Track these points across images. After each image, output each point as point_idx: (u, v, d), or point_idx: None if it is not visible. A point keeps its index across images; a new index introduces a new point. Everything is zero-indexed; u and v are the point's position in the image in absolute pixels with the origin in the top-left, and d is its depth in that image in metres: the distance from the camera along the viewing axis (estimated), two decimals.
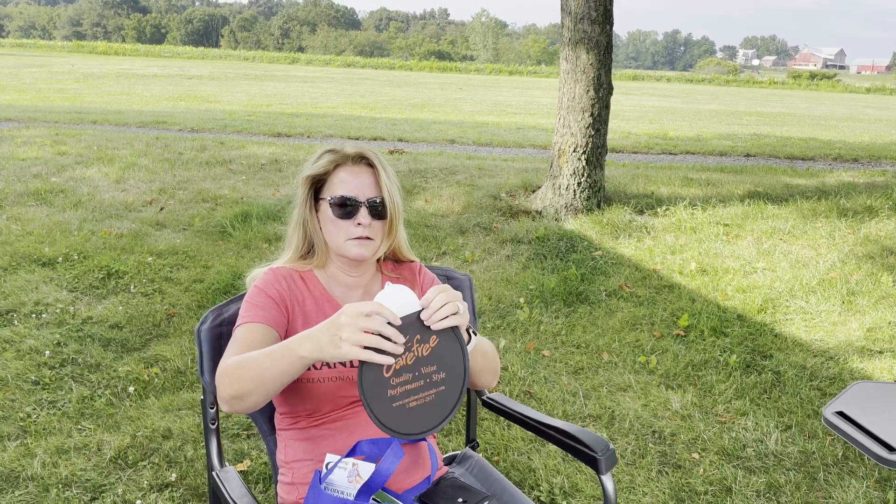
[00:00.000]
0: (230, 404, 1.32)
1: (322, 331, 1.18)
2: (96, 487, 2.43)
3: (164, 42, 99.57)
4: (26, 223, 5.25)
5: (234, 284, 4.20)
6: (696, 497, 2.50)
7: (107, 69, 25.77)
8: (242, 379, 1.28)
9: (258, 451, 2.66)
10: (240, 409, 1.32)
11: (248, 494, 1.47)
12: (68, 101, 14.01)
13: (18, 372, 3.15)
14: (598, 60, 5.47)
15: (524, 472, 2.61)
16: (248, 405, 1.31)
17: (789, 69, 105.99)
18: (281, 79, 25.66)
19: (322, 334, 1.18)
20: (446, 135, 11.03)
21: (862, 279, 4.50)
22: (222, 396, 1.33)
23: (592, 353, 3.64)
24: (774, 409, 3.10)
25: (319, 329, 1.19)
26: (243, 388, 1.28)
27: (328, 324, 1.18)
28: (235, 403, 1.31)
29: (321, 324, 1.20)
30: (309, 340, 1.20)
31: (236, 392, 1.29)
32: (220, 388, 1.33)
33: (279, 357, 1.24)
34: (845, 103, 28.04)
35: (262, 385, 1.26)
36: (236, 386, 1.29)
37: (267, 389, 1.27)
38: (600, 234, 5.35)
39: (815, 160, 9.82)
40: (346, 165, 1.53)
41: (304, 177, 1.55)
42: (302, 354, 1.20)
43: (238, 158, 7.65)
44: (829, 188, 6.77)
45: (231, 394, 1.30)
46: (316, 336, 1.19)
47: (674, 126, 14.27)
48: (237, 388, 1.29)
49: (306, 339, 1.20)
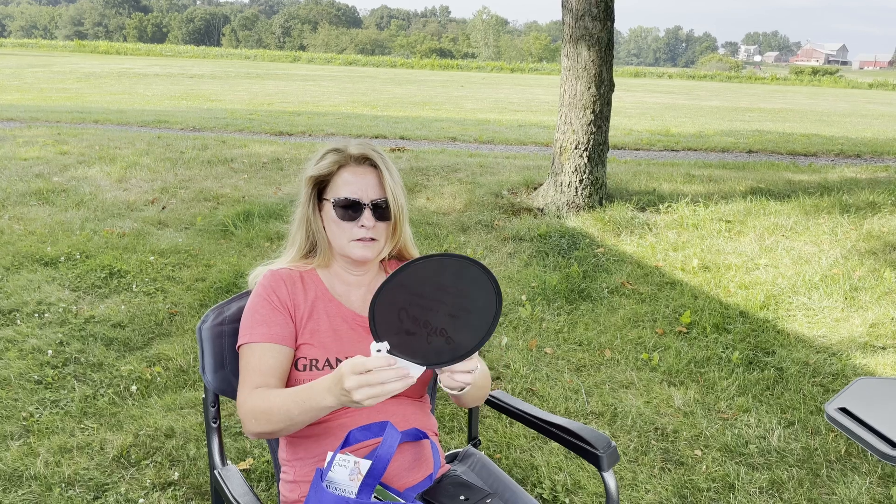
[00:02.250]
0: (257, 436, 1.41)
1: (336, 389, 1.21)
2: (99, 486, 2.43)
3: (166, 41, 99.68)
4: (28, 223, 5.26)
5: (236, 283, 4.21)
6: (699, 494, 2.50)
7: (108, 68, 25.79)
8: (271, 422, 1.35)
9: (261, 449, 2.67)
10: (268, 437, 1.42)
11: (250, 493, 1.47)
12: (70, 101, 14.03)
13: (21, 371, 3.16)
14: (600, 57, 5.46)
15: (526, 470, 2.61)
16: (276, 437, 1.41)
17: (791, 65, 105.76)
18: (282, 77, 25.65)
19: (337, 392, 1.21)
20: (448, 132, 11.03)
21: (864, 275, 4.49)
22: (250, 431, 1.40)
23: (594, 350, 3.63)
24: (777, 406, 3.10)
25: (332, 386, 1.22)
26: (273, 429, 1.36)
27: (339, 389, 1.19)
28: (264, 436, 1.40)
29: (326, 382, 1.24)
30: (328, 395, 1.23)
31: (265, 431, 1.37)
32: (246, 424, 1.39)
33: (305, 405, 1.29)
34: (848, 99, 27.98)
35: (292, 426, 1.34)
36: (265, 427, 1.36)
37: (296, 428, 1.36)
38: (602, 232, 5.34)
39: (817, 156, 9.79)
40: (350, 166, 1.52)
41: (307, 177, 1.54)
42: (329, 405, 1.25)
43: (240, 157, 7.65)
44: (831, 184, 6.75)
45: (260, 432, 1.38)
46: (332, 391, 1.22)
47: (676, 123, 14.25)
48: (266, 428, 1.36)
49: (325, 394, 1.24)
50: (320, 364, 1.47)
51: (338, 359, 1.48)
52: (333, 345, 1.49)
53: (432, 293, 1.21)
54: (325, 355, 1.48)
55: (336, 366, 1.47)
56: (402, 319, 1.21)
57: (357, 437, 1.44)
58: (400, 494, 1.43)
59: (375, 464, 1.31)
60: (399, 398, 1.54)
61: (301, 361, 1.47)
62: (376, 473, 1.31)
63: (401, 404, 1.54)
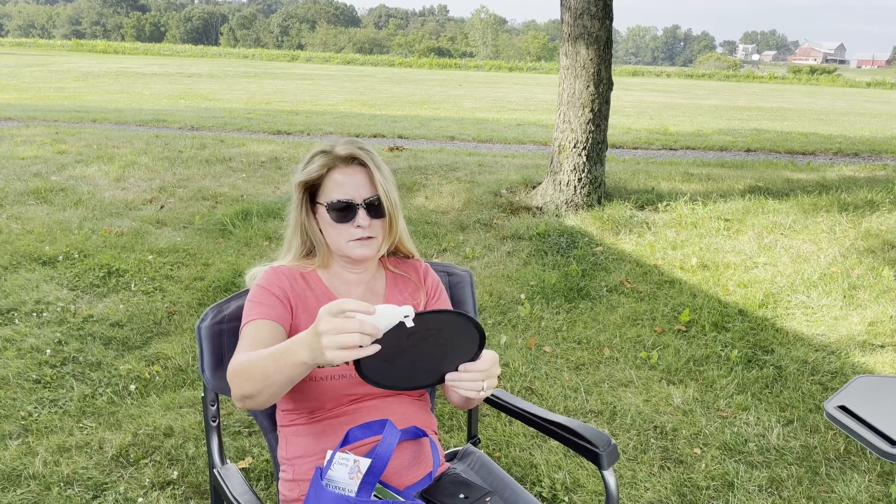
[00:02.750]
0: (243, 402, 1.33)
1: (310, 339, 1.15)
2: (98, 485, 2.43)
3: (164, 40, 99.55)
4: (27, 222, 5.25)
5: (234, 282, 4.20)
6: (698, 492, 2.50)
7: (106, 68, 25.75)
8: (249, 380, 1.28)
9: (260, 448, 2.66)
10: (253, 406, 1.33)
11: (250, 492, 1.47)
12: (68, 100, 14.01)
13: (20, 370, 3.15)
14: (598, 56, 5.45)
15: (526, 468, 2.61)
16: (260, 403, 1.31)
17: (789, 64, 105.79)
18: (280, 76, 25.63)
19: (311, 341, 1.14)
20: (446, 131, 11.02)
21: (863, 273, 4.49)
22: (234, 395, 1.34)
23: (593, 348, 3.63)
24: (776, 404, 3.10)
25: (308, 336, 1.16)
26: (252, 389, 1.28)
27: (311, 332, 1.14)
28: (248, 402, 1.32)
29: (308, 329, 1.16)
30: (303, 347, 1.16)
31: (246, 392, 1.30)
32: (232, 388, 1.34)
33: (281, 361, 1.22)
34: (846, 98, 28.00)
35: (268, 386, 1.26)
36: (246, 386, 1.30)
37: (274, 390, 1.27)
38: (601, 230, 5.34)
39: (815, 155, 9.80)
40: (339, 167, 1.51)
41: (297, 182, 1.53)
42: (304, 360, 1.17)
43: (238, 156, 7.64)
44: (829, 182, 6.76)
45: (241, 394, 1.31)
46: (307, 342, 1.15)
47: (674, 121, 14.25)
48: (246, 388, 1.29)
49: (301, 345, 1.17)
50: None
51: None
52: None
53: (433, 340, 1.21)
54: None
55: (336, 364, 1.47)
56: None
57: (356, 436, 1.44)
58: (400, 493, 1.42)
59: (375, 462, 1.31)
60: (399, 396, 1.55)
61: None
62: (376, 472, 1.31)
63: (401, 402, 1.54)
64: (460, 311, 1.22)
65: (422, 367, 1.23)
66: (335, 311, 1.10)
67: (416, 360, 1.21)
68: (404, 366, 1.21)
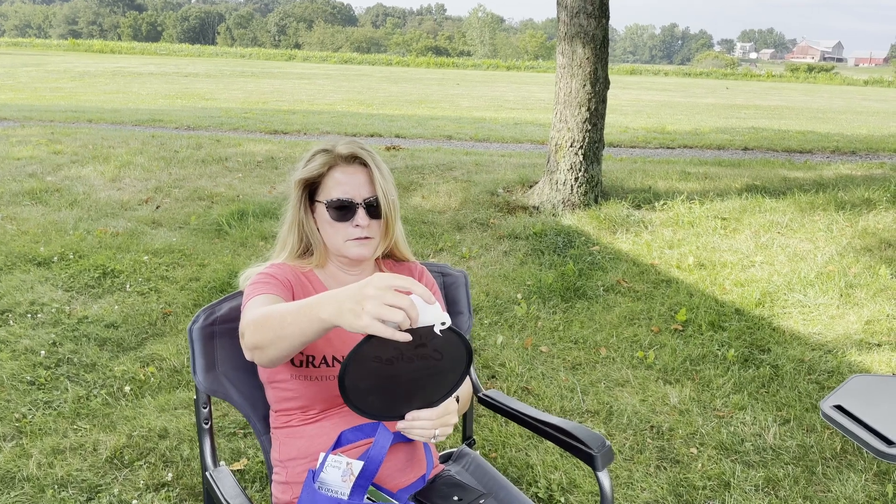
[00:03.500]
0: (252, 353, 1.30)
1: (346, 297, 1.10)
2: (92, 488, 2.42)
3: (161, 40, 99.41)
4: (21, 223, 5.23)
5: (230, 283, 4.19)
6: (695, 492, 2.49)
7: (103, 67, 25.70)
8: (263, 329, 1.25)
9: (255, 449, 2.66)
10: (261, 360, 1.29)
11: (242, 494, 1.46)
12: (64, 100, 13.98)
13: (14, 372, 3.14)
14: (595, 55, 5.45)
15: (522, 469, 2.60)
16: (268, 358, 1.28)
17: (787, 62, 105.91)
18: (277, 76, 25.60)
19: (345, 300, 1.10)
20: (443, 131, 11.01)
21: (860, 272, 4.49)
22: (245, 345, 1.31)
23: (590, 348, 3.63)
24: (773, 403, 3.09)
25: (344, 294, 1.11)
26: (264, 339, 1.25)
27: (354, 291, 1.10)
28: (257, 354, 1.29)
29: (347, 287, 1.12)
30: (331, 303, 1.12)
31: (257, 342, 1.27)
32: (243, 339, 1.32)
33: (300, 314, 1.18)
34: (843, 96, 28.03)
35: (281, 339, 1.22)
36: (258, 336, 1.26)
37: (286, 345, 1.23)
38: (598, 230, 5.34)
39: (812, 153, 9.80)
40: (340, 166, 1.51)
41: (297, 179, 1.53)
42: (323, 317, 1.13)
43: (234, 156, 7.62)
44: (826, 181, 6.76)
45: (252, 343, 1.28)
46: (339, 300, 1.11)
47: (672, 120, 14.25)
48: (258, 338, 1.26)
49: (329, 301, 1.13)
50: (317, 361, 1.46)
51: (335, 357, 1.47)
52: (331, 343, 1.49)
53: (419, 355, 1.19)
54: (323, 352, 1.47)
55: (332, 364, 1.46)
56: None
57: (349, 438, 1.43)
58: (393, 495, 1.42)
59: (367, 465, 1.30)
60: None
61: (297, 357, 1.46)
62: (368, 475, 1.30)
63: None
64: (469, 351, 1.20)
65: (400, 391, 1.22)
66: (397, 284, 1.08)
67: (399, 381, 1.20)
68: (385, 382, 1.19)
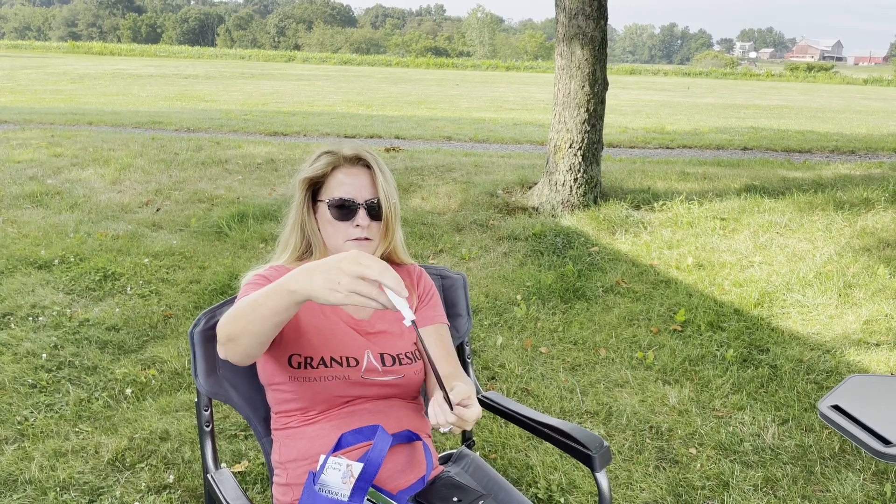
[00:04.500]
0: (226, 348, 1.31)
1: (320, 270, 1.11)
2: (94, 490, 2.43)
3: (160, 41, 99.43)
4: (22, 226, 5.24)
5: (230, 285, 4.20)
6: (694, 492, 2.51)
7: (102, 70, 25.71)
8: (236, 318, 1.25)
9: (256, 451, 2.67)
10: (235, 354, 1.29)
11: (243, 497, 1.47)
12: (64, 103, 13.99)
13: (15, 375, 3.15)
14: (593, 56, 5.46)
15: (521, 470, 2.61)
16: (242, 349, 1.27)
17: (787, 61, 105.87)
18: (277, 77, 25.61)
19: (319, 274, 1.10)
20: (443, 132, 11.02)
21: (858, 272, 4.50)
22: (220, 340, 1.32)
23: (589, 349, 3.64)
24: (771, 403, 3.10)
25: (318, 267, 1.12)
26: (235, 329, 1.25)
27: (329, 266, 1.10)
28: (231, 347, 1.29)
29: (322, 261, 1.12)
30: (303, 276, 1.12)
31: (229, 332, 1.27)
32: (218, 334, 1.32)
33: (270, 292, 1.18)
34: (842, 95, 28.03)
35: (252, 322, 1.22)
36: (229, 327, 1.27)
37: (258, 328, 1.22)
38: (597, 230, 5.35)
39: (812, 153, 9.81)
40: (344, 167, 1.54)
41: (302, 179, 1.55)
42: (293, 289, 1.13)
43: (234, 158, 7.63)
44: (825, 181, 6.77)
45: (225, 335, 1.28)
46: (311, 274, 1.11)
47: (671, 120, 14.26)
48: (230, 328, 1.27)
49: (301, 274, 1.13)
50: (315, 362, 1.48)
51: (332, 357, 1.48)
52: (329, 344, 1.50)
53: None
54: (321, 354, 1.48)
55: (331, 364, 1.48)
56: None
57: (349, 441, 1.45)
58: (393, 497, 1.43)
59: (367, 467, 1.32)
60: (392, 400, 1.55)
61: (295, 358, 1.48)
62: (368, 477, 1.31)
63: (393, 406, 1.55)
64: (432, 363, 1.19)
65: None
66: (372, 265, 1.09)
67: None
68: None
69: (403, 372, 1.55)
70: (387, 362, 1.54)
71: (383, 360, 1.53)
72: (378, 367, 1.52)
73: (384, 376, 1.52)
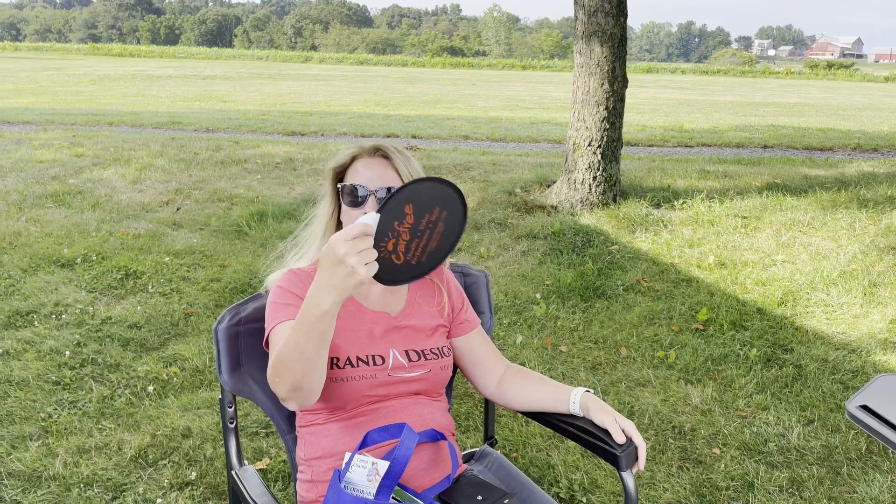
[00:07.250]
0: (295, 400, 1.31)
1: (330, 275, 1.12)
2: (117, 486, 2.44)
3: (179, 43, 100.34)
4: (45, 225, 5.30)
5: (250, 283, 4.22)
6: (718, 493, 2.48)
7: (122, 71, 25.98)
8: (288, 368, 1.26)
9: (277, 448, 2.67)
10: (304, 400, 1.30)
11: (268, 493, 1.47)
12: (85, 104, 14.14)
13: (39, 372, 3.18)
14: (613, 53, 5.42)
15: (543, 469, 2.60)
16: (309, 388, 1.28)
17: (806, 59, 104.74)
18: (294, 77, 25.74)
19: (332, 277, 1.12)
20: (460, 131, 11.01)
21: (884, 270, 4.43)
22: (282, 397, 1.32)
23: (610, 348, 3.61)
24: (796, 404, 3.06)
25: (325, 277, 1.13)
26: (295, 379, 1.26)
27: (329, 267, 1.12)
28: (298, 396, 1.29)
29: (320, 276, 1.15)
30: (323, 292, 1.14)
31: (291, 385, 1.27)
32: (276, 390, 1.32)
33: (306, 326, 1.19)
34: (863, 92, 27.67)
35: (305, 361, 1.23)
36: (286, 377, 1.27)
37: (314, 365, 1.24)
38: (616, 229, 5.31)
39: (833, 150, 9.69)
40: (363, 158, 1.56)
41: (329, 168, 1.60)
42: (326, 307, 1.15)
43: (253, 157, 7.67)
44: (848, 179, 6.68)
45: (287, 388, 1.28)
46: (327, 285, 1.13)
47: (689, 118, 14.15)
48: (288, 378, 1.27)
49: (319, 293, 1.15)
50: (341, 362, 1.47)
51: (358, 357, 1.48)
52: (355, 343, 1.50)
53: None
54: (346, 353, 1.48)
55: (357, 364, 1.47)
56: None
57: (375, 439, 1.44)
58: (418, 495, 1.42)
59: (393, 465, 1.31)
60: (417, 397, 1.54)
61: None
62: (394, 475, 1.30)
63: (418, 404, 1.54)
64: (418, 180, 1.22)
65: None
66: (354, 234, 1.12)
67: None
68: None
69: (430, 367, 1.54)
70: (412, 358, 1.53)
71: (409, 356, 1.53)
72: (404, 364, 1.52)
73: (410, 372, 1.52)
